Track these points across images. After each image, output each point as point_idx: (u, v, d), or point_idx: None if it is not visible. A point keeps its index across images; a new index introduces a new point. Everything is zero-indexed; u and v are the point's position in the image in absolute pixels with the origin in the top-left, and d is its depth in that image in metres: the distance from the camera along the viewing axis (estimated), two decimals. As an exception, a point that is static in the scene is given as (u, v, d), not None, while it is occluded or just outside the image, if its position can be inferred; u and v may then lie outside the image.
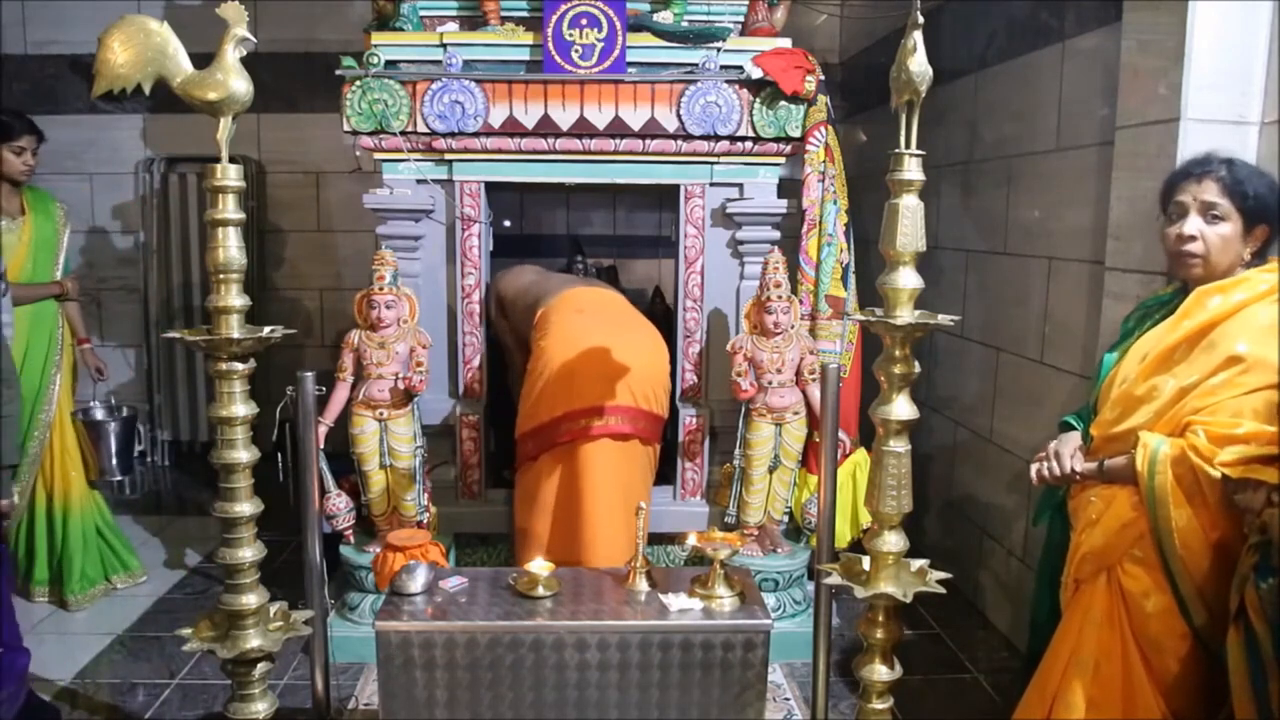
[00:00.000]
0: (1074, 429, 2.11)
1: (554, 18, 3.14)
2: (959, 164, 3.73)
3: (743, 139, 3.27)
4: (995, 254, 3.45)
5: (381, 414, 3.07)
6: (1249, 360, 1.76)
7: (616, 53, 3.16)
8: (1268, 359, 1.76)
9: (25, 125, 3.31)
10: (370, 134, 3.22)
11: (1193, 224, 1.89)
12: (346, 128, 3.21)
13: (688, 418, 3.49)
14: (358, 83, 3.16)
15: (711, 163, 3.33)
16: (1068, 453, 2.02)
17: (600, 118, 3.23)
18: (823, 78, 3.26)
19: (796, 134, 3.26)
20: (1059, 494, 2.12)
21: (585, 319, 3.16)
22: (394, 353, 3.06)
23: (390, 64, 3.18)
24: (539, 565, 2.30)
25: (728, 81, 3.21)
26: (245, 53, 1.91)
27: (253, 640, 2.01)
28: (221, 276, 1.89)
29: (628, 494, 2.95)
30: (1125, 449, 1.88)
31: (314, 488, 2.38)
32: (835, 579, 1.96)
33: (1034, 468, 2.07)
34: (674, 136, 3.25)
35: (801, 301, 3.33)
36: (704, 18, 3.30)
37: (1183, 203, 1.92)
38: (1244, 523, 1.69)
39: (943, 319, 1.77)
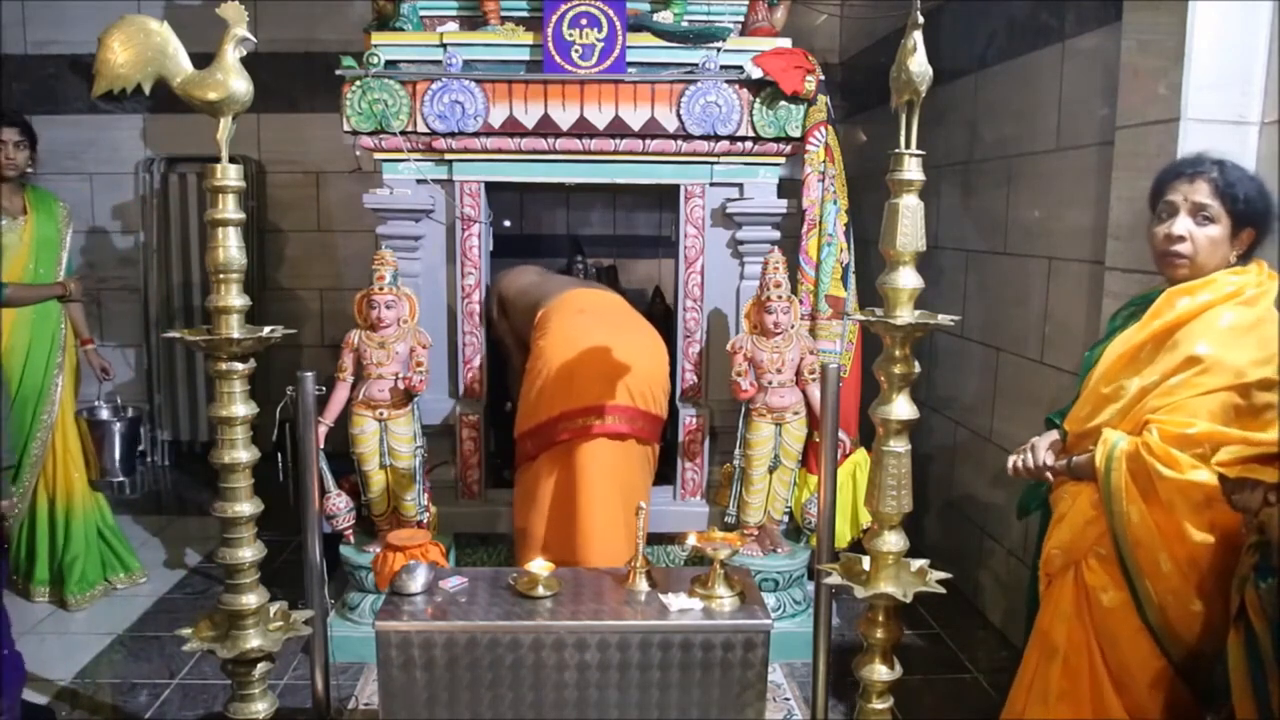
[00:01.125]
0: (1058, 426, 2.12)
1: (554, 18, 3.14)
2: (959, 164, 3.73)
3: (743, 139, 3.27)
4: (995, 254, 3.45)
5: (381, 414, 3.07)
6: (1207, 361, 1.78)
7: (616, 53, 3.16)
8: (1225, 360, 1.77)
9: (7, 119, 3.23)
10: (370, 134, 3.22)
11: (1182, 224, 1.89)
12: (346, 128, 3.21)
13: (688, 418, 3.49)
14: (358, 83, 3.16)
15: (711, 163, 3.33)
16: (1044, 446, 2.04)
17: (600, 118, 3.23)
18: (823, 78, 3.26)
19: (796, 134, 3.26)
20: (1043, 490, 2.13)
21: (585, 319, 3.16)
22: (394, 353, 3.06)
23: (390, 64, 3.18)
24: (539, 565, 2.30)
25: (728, 81, 3.21)
26: (245, 53, 1.91)
27: (253, 640, 2.01)
28: (221, 276, 1.89)
29: (625, 493, 2.95)
30: (1093, 446, 1.89)
31: (314, 488, 2.38)
32: (835, 579, 1.96)
33: (1011, 460, 2.09)
34: (674, 136, 3.25)
35: (801, 301, 3.33)
36: (704, 18, 3.30)
37: (1173, 202, 1.91)
38: (1243, 522, 1.69)
39: (943, 319, 1.77)
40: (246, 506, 2.00)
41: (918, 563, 1.96)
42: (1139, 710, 1.85)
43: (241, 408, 1.96)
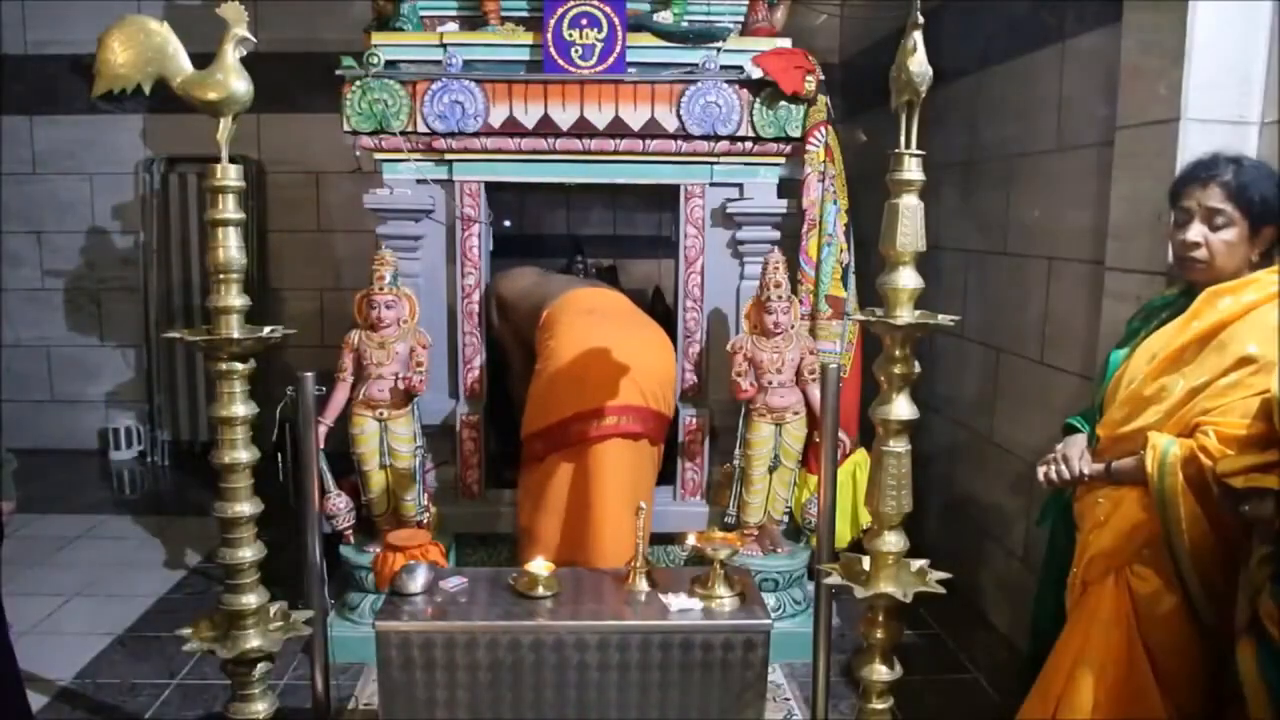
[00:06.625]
0: (1078, 431, 2.11)
1: (554, 18, 3.14)
2: (959, 164, 3.73)
3: (743, 139, 3.26)
4: (995, 254, 3.44)
5: (381, 414, 3.07)
6: (1260, 361, 1.76)
7: (616, 53, 3.16)
8: (1276, 360, 1.75)
9: None
10: (370, 134, 3.22)
11: (1196, 230, 1.89)
12: (346, 128, 3.21)
13: (688, 418, 3.49)
14: (358, 83, 3.16)
15: (711, 163, 3.33)
16: (1076, 455, 2.01)
17: (600, 118, 3.23)
18: (823, 78, 3.25)
19: (796, 134, 3.26)
20: (1065, 495, 2.12)
21: (594, 319, 3.15)
22: (394, 353, 3.06)
23: (390, 64, 3.17)
24: (539, 565, 2.30)
25: (728, 81, 3.21)
26: (245, 53, 1.91)
27: (253, 640, 2.01)
28: (221, 276, 1.89)
29: (638, 494, 2.93)
30: (1133, 449, 1.87)
31: (314, 488, 2.38)
32: (835, 579, 1.96)
33: (1041, 471, 2.06)
34: (674, 136, 3.25)
35: (801, 301, 3.33)
36: (704, 18, 3.30)
37: (1188, 208, 1.91)
38: (1254, 532, 1.67)
39: (943, 319, 1.77)
40: (246, 506, 2.00)
41: (918, 563, 1.96)
42: (1195, 712, 1.83)
43: (241, 408, 1.96)
